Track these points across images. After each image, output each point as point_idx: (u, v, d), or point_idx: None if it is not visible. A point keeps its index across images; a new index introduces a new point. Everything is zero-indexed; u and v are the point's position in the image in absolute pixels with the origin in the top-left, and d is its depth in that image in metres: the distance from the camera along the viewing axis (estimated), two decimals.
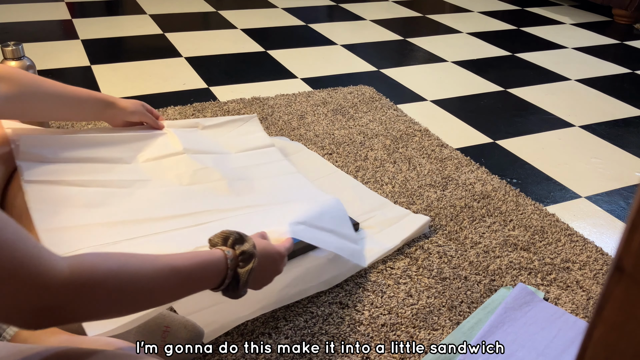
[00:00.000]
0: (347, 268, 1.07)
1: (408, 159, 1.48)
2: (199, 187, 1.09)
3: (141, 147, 1.12)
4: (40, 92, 0.98)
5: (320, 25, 2.60)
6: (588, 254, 1.18)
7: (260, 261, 0.74)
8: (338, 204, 1.12)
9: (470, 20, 2.87)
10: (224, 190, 1.10)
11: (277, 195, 1.14)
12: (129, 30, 2.34)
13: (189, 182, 1.09)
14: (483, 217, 1.27)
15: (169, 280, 0.61)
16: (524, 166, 1.52)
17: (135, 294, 0.57)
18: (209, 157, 1.17)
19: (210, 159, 1.17)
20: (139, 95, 1.76)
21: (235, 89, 1.85)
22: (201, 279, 0.66)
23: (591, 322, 0.31)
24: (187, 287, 0.65)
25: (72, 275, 0.50)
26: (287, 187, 1.18)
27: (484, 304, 1.02)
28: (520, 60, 2.35)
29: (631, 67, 2.35)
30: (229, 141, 1.28)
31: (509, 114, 1.84)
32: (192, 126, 1.26)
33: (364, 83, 1.95)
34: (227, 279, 0.69)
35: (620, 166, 1.56)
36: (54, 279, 0.49)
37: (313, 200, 1.12)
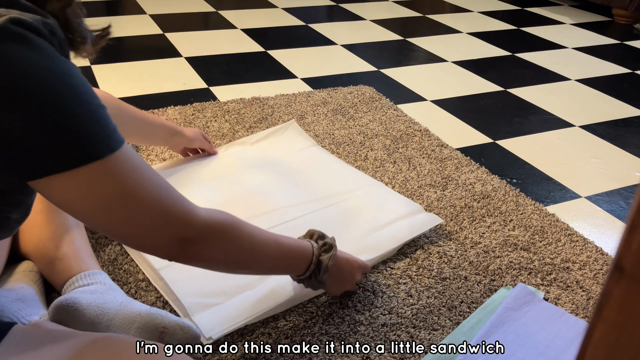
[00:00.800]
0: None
1: (408, 159, 1.48)
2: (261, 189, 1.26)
3: (203, 170, 1.32)
4: (123, 114, 1.10)
5: (320, 25, 2.60)
6: (588, 254, 1.18)
7: (339, 259, 0.91)
8: (383, 188, 1.30)
9: (470, 20, 2.87)
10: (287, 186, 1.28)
11: (335, 186, 1.29)
12: (129, 30, 2.34)
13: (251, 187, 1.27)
14: (483, 217, 1.27)
15: (273, 251, 0.78)
16: (524, 166, 1.52)
17: (248, 252, 0.73)
18: (265, 166, 1.36)
19: (267, 166, 1.36)
20: (139, 95, 1.76)
21: (235, 89, 1.85)
22: (293, 260, 0.83)
23: (591, 322, 0.31)
24: (283, 264, 0.82)
25: (207, 220, 0.66)
26: (341, 177, 1.34)
27: (484, 304, 1.02)
28: (520, 60, 2.35)
29: (631, 67, 2.35)
30: (277, 148, 1.45)
31: (509, 114, 1.84)
32: (241, 144, 1.45)
33: (364, 83, 1.95)
34: (312, 265, 0.85)
35: (620, 166, 1.56)
36: (196, 219, 0.64)
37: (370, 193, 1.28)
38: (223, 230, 0.68)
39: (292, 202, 1.22)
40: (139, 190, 0.59)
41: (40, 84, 0.52)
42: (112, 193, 0.57)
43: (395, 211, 1.21)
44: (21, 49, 0.52)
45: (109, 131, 0.57)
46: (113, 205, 0.58)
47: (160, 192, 0.61)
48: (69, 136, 0.54)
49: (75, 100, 0.54)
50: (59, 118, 0.53)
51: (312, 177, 1.32)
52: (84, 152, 0.55)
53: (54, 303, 0.83)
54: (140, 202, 0.59)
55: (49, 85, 0.53)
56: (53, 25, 0.56)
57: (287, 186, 1.28)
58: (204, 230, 0.66)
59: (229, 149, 1.43)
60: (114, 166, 0.57)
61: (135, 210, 0.59)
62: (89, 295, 0.85)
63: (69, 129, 0.54)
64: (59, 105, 0.53)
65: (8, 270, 0.94)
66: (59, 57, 0.55)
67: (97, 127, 0.56)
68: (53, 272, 0.92)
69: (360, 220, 1.19)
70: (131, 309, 0.85)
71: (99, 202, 0.57)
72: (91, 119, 0.55)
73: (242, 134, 1.54)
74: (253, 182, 1.29)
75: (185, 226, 0.64)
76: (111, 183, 0.57)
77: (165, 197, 0.62)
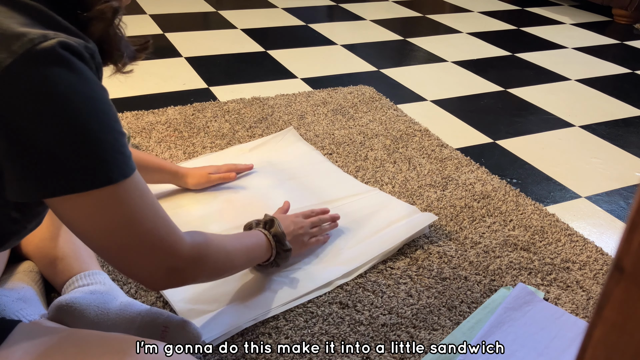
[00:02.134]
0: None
1: (408, 159, 1.48)
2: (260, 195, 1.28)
3: None
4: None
5: (320, 25, 2.60)
6: (588, 254, 1.18)
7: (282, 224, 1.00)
8: (381, 194, 1.30)
9: (470, 20, 2.87)
10: (286, 192, 1.29)
11: (334, 192, 1.30)
12: (128, 30, 2.33)
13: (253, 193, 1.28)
14: (483, 217, 1.27)
15: (243, 253, 0.87)
16: (524, 166, 1.52)
17: (225, 263, 0.80)
18: (264, 171, 1.37)
19: (266, 171, 1.37)
20: (139, 95, 1.76)
21: (235, 89, 1.85)
22: (259, 250, 0.94)
23: (591, 322, 0.31)
24: (253, 258, 0.92)
25: (192, 246, 0.70)
26: (339, 183, 1.35)
27: (484, 304, 1.02)
28: (520, 60, 2.35)
29: (631, 67, 2.35)
30: (276, 154, 1.44)
31: (509, 114, 1.84)
32: (239, 151, 1.45)
33: (364, 83, 1.95)
34: (272, 243, 0.96)
35: (620, 166, 1.56)
36: (182, 248, 0.68)
37: (367, 198, 1.29)
38: (203, 253, 0.73)
39: (291, 207, 1.22)
40: (141, 218, 0.62)
41: (76, 109, 0.55)
42: (119, 218, 0.61)
43: (392, 214, 1.22)
44: (66, 74, 0.55)
45: (125, 158, 0.60)
46: (116, 229, 0.61)
47: (158, 221, 0.64)
48: (92, 159, 0.57)
49: (104, 126, 0.58)
50: (86, 141, 0.56)
51: (311, 183, 1.32)
52: (102, 176, 0.58)
53: (53, 303, 0.83)
54: (141, 229, 0.63)
55: (84, 110, 0.56)
56: (93, 49, 0.60)
57: (285, 191, 1.28)
58: (190, 258, 0.69)
59: (227, 154, 1.43)
60: (124, 192, 0.60)
61: (134, 237, 0.63)
62: (89, 295, 0.85)
63: (94, 153, 0.57)
64: (89, 130, 0.56)
65: (9, 270, 0.94)
66: (95, 83, 0.58)
67: (117, 153, 0.59)
68: (53, 272, 0.92)
69: (358, 224, 1.19)
70: (131, 309, 0.85)
71: (104, 224, 0.60)
72: (114, 145, 0.58)
73: (242, 134, 1.54)
74: (252, 187, 1.29)
75: (175, 257, 0.67)
76: (120, 208, 0.60)
77: (161, 227, 0.65)
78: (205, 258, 0.73)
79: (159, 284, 0.69)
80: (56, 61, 0.54)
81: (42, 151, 0.55)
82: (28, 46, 0.53)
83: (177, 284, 0.70)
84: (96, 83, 0.58)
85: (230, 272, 0.85)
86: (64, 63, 0.55)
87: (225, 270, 0.82)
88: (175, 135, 1.51)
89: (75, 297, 0.83)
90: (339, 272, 1.05)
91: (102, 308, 0.83)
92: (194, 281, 0.74)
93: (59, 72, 0.54)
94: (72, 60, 0.55)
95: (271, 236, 0.96)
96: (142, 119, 1.58)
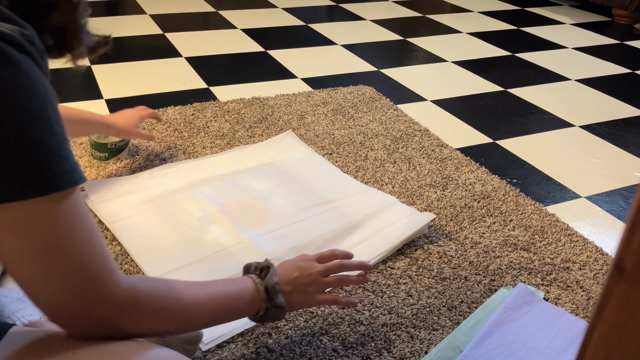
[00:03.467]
0: None
1: (408, 159, 1.48)
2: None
3: (200, 174, 1.33)
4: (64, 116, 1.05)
5: (320, 25, 2.60)
6: (588, 254, 1.18)
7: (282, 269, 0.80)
8: (380, 194, 1.30)
9: (470, 20, 2.87)
10: (285, 193, 1.29)
11: (331, 193, 1.29)
12: (129, 30, 2.34)
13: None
14: (483, 217, 1.27)
15: (210, 307, 0.67)
16: (524, 166, 1.52)
17: (177, 315, 0.63)
18: (263, 172, 1.36)
19: (266, 173, 1.36)
20: (139, 95, 1.76)
21: (235, 89, 1.85)
22: (240, 302, 0.72)
23: (591, 322, 0.31)
24: (228, 312, 0.71)
25: (129, 293, 0.56)
26: (339, 184, 1.34)
27: (484, 304, 1.02)
28: (520, 60, 2.35)
29: (631, 67, 2.35)
30: (275, 156, 1.44)
31: (509, 114, 1.84)
32: (238, 153, 1.44)
33: (364, 83, 1.95)
34: (262, 295, 0.75)
35: (620, 166, 1.56)
36: (114, 294, 0.55)
37: (366, 199, 1.28)
38: (142, 300, 0.59)
39: (290, 208, 1.23)
40: (76, 243, 0.52)
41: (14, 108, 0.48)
42: (50, 238, 0.51)
43: (391, 215, 1.22)
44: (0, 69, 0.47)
45: (71, 165, 0.52)
46: (42, 254, 0.51)
47: (95, 252, 0.54)
48: (32, 164, 0.49)
49: (44, 127, 0.50)
50: (22, 143, 0.48)
51: (311, 184, 1.32)
52: (43, 182, 0.49)
53: None
54: (72, 258, 0.52)
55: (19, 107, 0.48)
56: (31, 35, 0.51)
57: (286, 193, 1.28)
58: (121, 305, 0.56)
59: (226, 156, 1.43)
60: (66, 205, 0.51)
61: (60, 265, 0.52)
62: None
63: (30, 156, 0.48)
64: (25, 129, 0.48)
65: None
66: (35, 76, 0.50)
67: (62, 158, 0.51)
68: None
69: (357, 225, 1.19)
70: None
71: (29, 244, 0.50)
72: (58, 149, 0.50)
73: (242, 134, 1.54)
74: (252, 189, 1.29)
75: (103, 299, 0.55)
76: (55, 225, 0.51)
77: (97, 259, 0.54)
78: (144, 307, 0.59)
79: (79, 328, 0.56)
80: None
81: None
82: None
83: (106, 333, 0.57)
84: (35, 77, 0.50)
85: (190, 328, 0.68)
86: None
87: (179, 327, 0.65)
88: (175, 136, 1.51)
89: None
90: None
91: None
92: (131, 332, 0.59)
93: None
94: (6, 51, 0.48)
95: (262, 287, 0.76)
96: None
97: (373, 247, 1.12)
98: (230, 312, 0.72)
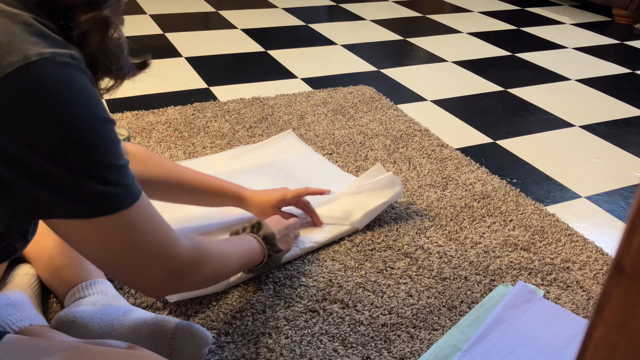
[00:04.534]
0: None
1: (408, 159, 1.48)
2: None
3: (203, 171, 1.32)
4: (179, 183, 1.04)
5: (320, 25, 2.60)
6: (588, 254, 1.18)
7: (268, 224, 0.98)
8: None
9: (470, 20, 2.87)
10: None
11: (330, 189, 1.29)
12: (129, 30, 2.34)
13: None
14: (483, 217, 1.27)
15: (237, 256, 0.85)
16: (524, 166, 1.52)
17: (224, 266, 0.79)
18: (263, 170, 1.37)
19: (265, 170, 1.38)
20: (139, 95, 1.76)
21: (235, 89, 1.85)
22: (252, 253, 0.92)
23: (591, 322, 0.31)
24: (247, 261, 0.90)
25: (191, 250, 0.68)
26: (335, 182, 1.34)
27: (482, 301, 1.02)
28: (520, 60, 2.35)
29: (631, 67, 2.35)
30: (275, 154, 1.45)
31: (509, 114, 1.84)
32: (238, 153, 1.44)
33: (364, 83, 1.95)
34: (263, 245, 0.94)
35: (620, 166, 1.56)
36: (180, 253, 0.67)
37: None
38: (202, 256, 0.71)
39: None
40: (146, 240, 0.62)
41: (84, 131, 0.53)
42: (123, 243, 0.60)
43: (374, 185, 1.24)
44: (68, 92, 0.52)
45: (128, 183, 0.58)
46: (120, 252, 0.61)
47: (157, 230, 0.63)
48: (93, 185, 0.54)
49: (108, 151, 0.56)
50: (90, 165, 0.54)
51: (310, 182, 1.32)
52: (105, 204, 0.56)
53: (55, 318, 0.81)
54: (145, 249, 0.62)
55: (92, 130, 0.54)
56: (79, 58, 0.56)
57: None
58: (188, 262, 0.68)
59: (226, 155, 1.43)
60: (129, 219, 0.59)
61: (138, 256, 0.62)
62: (90, 307, 0.83)
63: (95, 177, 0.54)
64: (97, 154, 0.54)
65: (6, 274, 0.93)
66: (96, 99, 0.55)
67: (120, 177, 0.57)
68: (56, 282, 0.91)
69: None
70: (136, 318, 0.83)
71: (107, 249, 0.60)
72: (117, 170, 0.57)
73: (242, 134, 1.54)
74: (252, 188, 1.29)
75: (174, 261, 0.66)
76: (124, 235, 0.59)
77: (162, 239, 0.64)
78: (203, 261, 0.71)
79: (158, 290, 0.68)
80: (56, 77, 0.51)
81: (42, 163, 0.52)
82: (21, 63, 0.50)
83: (177, 289, 0.70)
84: (97, 99, 0.56)
85: (226, 276, 0.84)
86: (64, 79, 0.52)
87: (222, 274, 0.80)
88: (175, 135, 1.51)
89: (77, 311, 0.81)
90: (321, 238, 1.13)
91: (106, 320, 0.81)
92: (193, 285, 0.73)
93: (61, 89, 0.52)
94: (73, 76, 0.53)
95: (261, 239, 0.94)
96: (142, 119, 1.59)
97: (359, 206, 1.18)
98: (248, 262, 0.91)
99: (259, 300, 1.00)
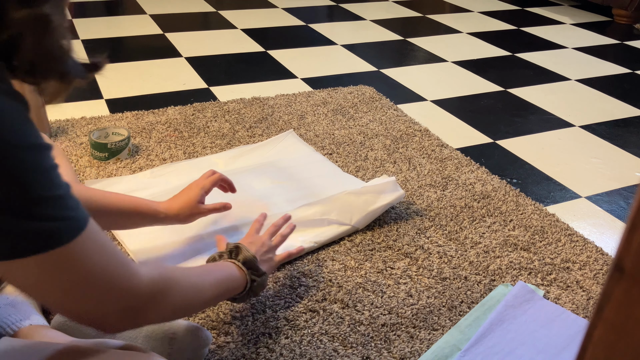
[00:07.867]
0: None
1: (408, 159, 1.48)
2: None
3: (194, 172, 1.31)
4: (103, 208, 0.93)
5: (320, 25, 2.60)
6: (588, 254, 1.18)
7: (247, 246, 0.91)
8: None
9: (470, 20, 2.87)
10: (285, 190, 1.30)
11: (332, 191, 1.28)
12: (129, 30, 2.34)
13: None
14: (483, 217, 1.27)
15: (212, 288, 0.75)
16: (524, 166, 1.52)
17: (194, 298, 0.70)
18: (263, 170, 1.37)
19: (266, 170, 1.37)
20: (139, 95, 1.76)
21: (235, 89, 1.85)
22: (231, 282, 0.82)
23: (591, 322, 0.31)
24: (224, 291, 0.80)
25: (151, 282, 0.60)
26: (336, 182, 1.34)
27: (482, 301, 1.02)
28: (520, 60, 2.35)
29: (631, 67, 2.35)
30: (275, 154, 1.45)
31: (509, 114, 1.84)
32: (238, 153, 1.44)
33: (364, 83, 1.95)
34: (245, 272, 0.85)
35: (620, 166, 1.56)
36: (138, 285, 0.58)
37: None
38: (164, 287, 0.63)
39: (290, 207, 1.23)
40: (95, 273, 0.54)
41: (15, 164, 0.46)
42: (69, 280, 0.52)
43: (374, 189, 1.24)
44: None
45: (69, 215, 0.50)
46: (68, 290, 0.53)
47: (111, 267, 0.55)
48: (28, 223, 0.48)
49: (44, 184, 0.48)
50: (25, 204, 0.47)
51: (310, 182, 1.33)
52: (43, 241, 0.49)
53: (55, 318, 0.81)
54: (94, 284, 0.54)
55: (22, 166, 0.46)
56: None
57: (285, 191, 1.29)
58: (147, 296, 0.60)
59: (226, 155, 1.43)
60: (73, 252, 0.51)
61: (88, 291, 0.54)
62: None
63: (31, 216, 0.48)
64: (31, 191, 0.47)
65: None
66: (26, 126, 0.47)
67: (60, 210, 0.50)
68: None
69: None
70: None
71: (53, 287, 0.52)
72: (55, 202, 0.49)
73: (242, 134, 1.54)
74: (252, 187, 1.29)
75: (130, 295, 0.58)
76: (68, 271, 0.52)
77: (114, 271, 0.56)
78: (167, 292, 0.63)
79: (117, 327, 0.59)
80: None
81: None
82: None
83: (138, 323, 0.61)
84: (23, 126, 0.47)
85: (199, 307, 0.75)
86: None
87: (193, 306, 0.72)
88: (176, 136, 1.51)
89: None
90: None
91: None
92: (158, 319, 0.65)
93: None
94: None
95: (241, 264, 0.85)
96: (142, 119, 1.59)
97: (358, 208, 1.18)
98: (226, 290, 0.81)
99: (259, 300, 1.00)
